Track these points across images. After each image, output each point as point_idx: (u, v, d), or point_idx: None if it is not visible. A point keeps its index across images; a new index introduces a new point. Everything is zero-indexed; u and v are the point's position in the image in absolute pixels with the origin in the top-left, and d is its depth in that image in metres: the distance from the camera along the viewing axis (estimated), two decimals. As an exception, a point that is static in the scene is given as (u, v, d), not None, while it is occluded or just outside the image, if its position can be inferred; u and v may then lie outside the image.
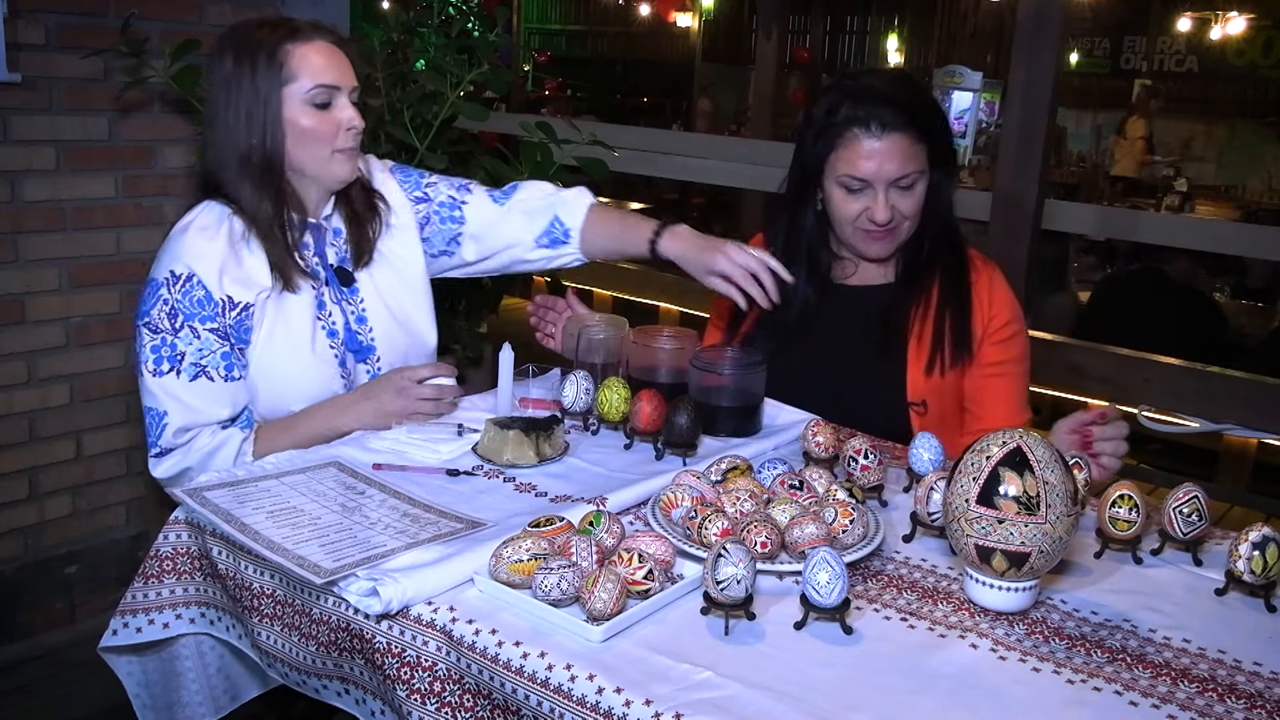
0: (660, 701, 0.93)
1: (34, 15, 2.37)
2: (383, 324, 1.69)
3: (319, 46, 1.55)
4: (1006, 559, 1.06)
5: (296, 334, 1.58)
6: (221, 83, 1.54)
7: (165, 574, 1.34)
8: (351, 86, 1.58)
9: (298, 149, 1.55)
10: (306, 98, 1.53)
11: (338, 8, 2.81)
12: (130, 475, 2.74)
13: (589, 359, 1.69)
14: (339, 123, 1.56)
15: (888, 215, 1.67)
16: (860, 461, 1.38)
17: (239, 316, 1.53)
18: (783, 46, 6.53)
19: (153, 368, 1.50)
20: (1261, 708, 0.96)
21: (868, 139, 1.64)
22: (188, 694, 1.41)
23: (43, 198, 2.47)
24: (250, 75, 1.51)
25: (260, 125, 1.52)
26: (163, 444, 1.51)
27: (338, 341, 1.63)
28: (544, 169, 2.52)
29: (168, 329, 1.49)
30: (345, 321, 1.65)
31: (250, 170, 1.54)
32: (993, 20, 10.72)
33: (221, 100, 1.54)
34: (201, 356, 1.50)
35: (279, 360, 1.56)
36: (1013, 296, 1.78)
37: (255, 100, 1.52)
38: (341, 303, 1.65)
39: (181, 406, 1.50)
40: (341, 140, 1.57)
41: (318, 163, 1.57)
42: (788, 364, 1.71)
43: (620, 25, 14.08)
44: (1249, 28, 9.46)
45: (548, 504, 1.33)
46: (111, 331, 2.63)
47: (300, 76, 1.53)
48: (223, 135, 1.55)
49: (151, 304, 1.51)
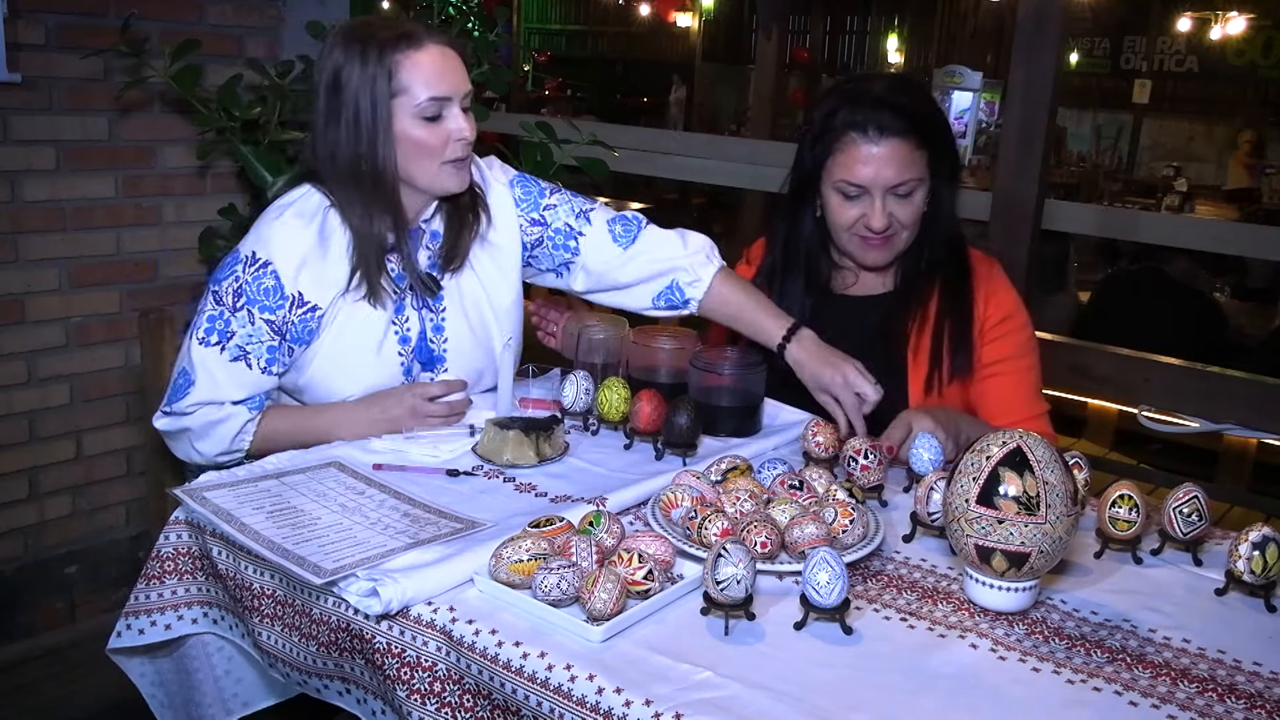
0: (660, 701, 0.93)
1: (34, 15, 2.37)
2: (459, 336, 1.65)
3: (431, 53, 1.49)
4: (1006, 559, 1.06)
5: (366, 338, 1.56)
6: (329, 82, 1.48)
7: (167, 575, 1.34)
8: (463, 93, 1.52)
9: (407, 161, 1.51)
10: (416, 111, 1.48)
11: (338, 8, 2.81)
12: (130, 475, 2.74)
13: (589, 359, 1.69)
14: (449, 134, 1.51)
15: (884, 222, 1.64)
16: (860, 461, 1.38)
17: (304, 316, 1.52)
18: (783, 46, 6.52)
19: (203, 335, 1.50)
20: (1261, 708, 0.96)
21: (865, 144, 1.62)
22: (201, 694, 1.41)
23: (43, 198, 2.47)
24: (358, 89, 1.46)
25: (370, 138, 1.48)
26: (177, 407, 1.51)
27: (408, 349, 1.60)
28: (544, 169, 2.52)
29: (229, 305, 1.49)
30: (421, 329, 1.61)
31: (359, 181, 1.50)
32: (993, 20, 10.72)
33: (329, 102, 1.49)
34: (249, 341, 1.50)
35: (342, 361, 1.55)
36: (1011, 291, 1.74)
37: (364, 109, 1.47)
38: (421, 310, 1.61)
39: (211, 381, 1.50)
40: (451, 151, 1.52)
41: (427, 175, 1.53)
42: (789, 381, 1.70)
43: (620, 25, 14.08)
44: (1249, 28, 9.46)
45: (548, 504, 1.33)
46: (111, 331, 2.63)
47: (411, 88, 1.47)
48: (332, 138, 1.50)
49: (226, 275, 1.51)
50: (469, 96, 1.54)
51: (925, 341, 1.70)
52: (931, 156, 1.66)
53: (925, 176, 1.66)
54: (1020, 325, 1.72)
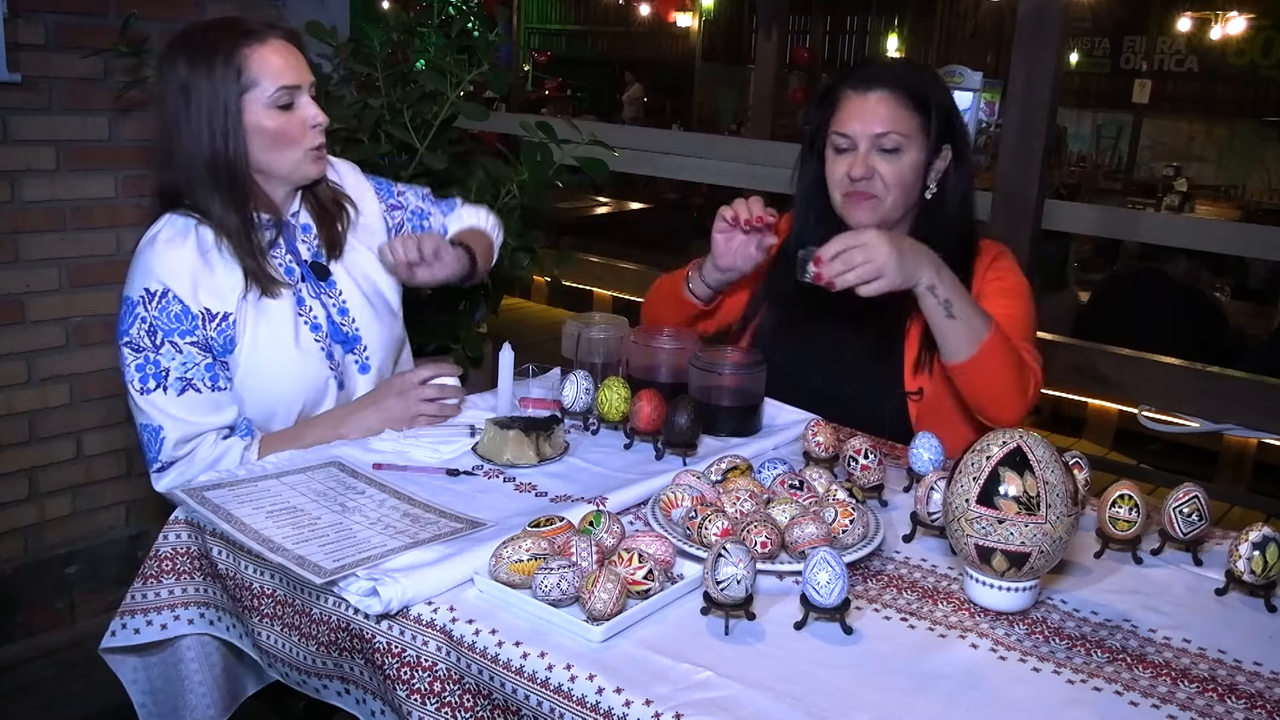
0: (660, 701, 0.93)
1: (34, 15, 2.37)
2: (364, 314, 1.68)
3: (275, 47, 1.52)
4: (1006, 559, 1.06)
5: (280, 334, 1.57)
6: (177, 91, 1.50)
7: (165, 574, 1.34)
8: (310, 82, 1.57)
9: (265, 153, 1.54)
10: (269, 101, 1.51)
11: (338, 8, 2.81)
12: (130, 475, 2.73)
13: (589, 359, 1.69)
14: (304, 121, 1.55)
15: (863, 170, 1.65)
16: (860, 461, 1.38)
17: (220, 327, 1.52)
18: (783, 46, 6.52)
19: (139, 386, 1.48)
20: (1261, 708, 0.96)
21: (856, 97, 1.67)
22: (194, 697, 1.41)
23: (43, 198, 2.47)
24: (208, 82, 1.48)
25: (223, 134, 1.49)
26: (163, 458, 1.50)
27: (322, 335, 1.62)
28: (544, 169, 2.52)
29: (149, 346, 1.48)
30: (327, 314, 1.64)
31: (218, 180, 1.52)
32: (993, 20, 10.73)
33: (179, 109, 1.50)
34: (185, 370, 1.49)
35: (266, 361, 1.55)
36: (1015, 269, 1.74)
37: (216, 108, 1.49)
38: (320, 296, 1.64)
39: (174, 421, 1.49)
40: (311, 139, 1.56)
41: (289, 163, 1.56)
42: (788, 356, 1.70)
43: (620, 25, 14.09)
44: (1249, 28, 9.47)
45: (548, 504, 1.33)
46: (111, 331, 2.61)
47: (261, 81, 1.50)
48: (185, 146, 1.51)
49: (130, 323, 1.50)
50: (314, 86, 1.59)
51: (920, 321, 1.67)
52: (927, 125, 1.66)
53: (916, 139, 1.66)
54: (1017, 293, 1.70)
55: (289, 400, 1.58)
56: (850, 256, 1.48)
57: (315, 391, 1.60)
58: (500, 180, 2.52)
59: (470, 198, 2.47)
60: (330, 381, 1.62)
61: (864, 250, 1.47)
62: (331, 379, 1.62)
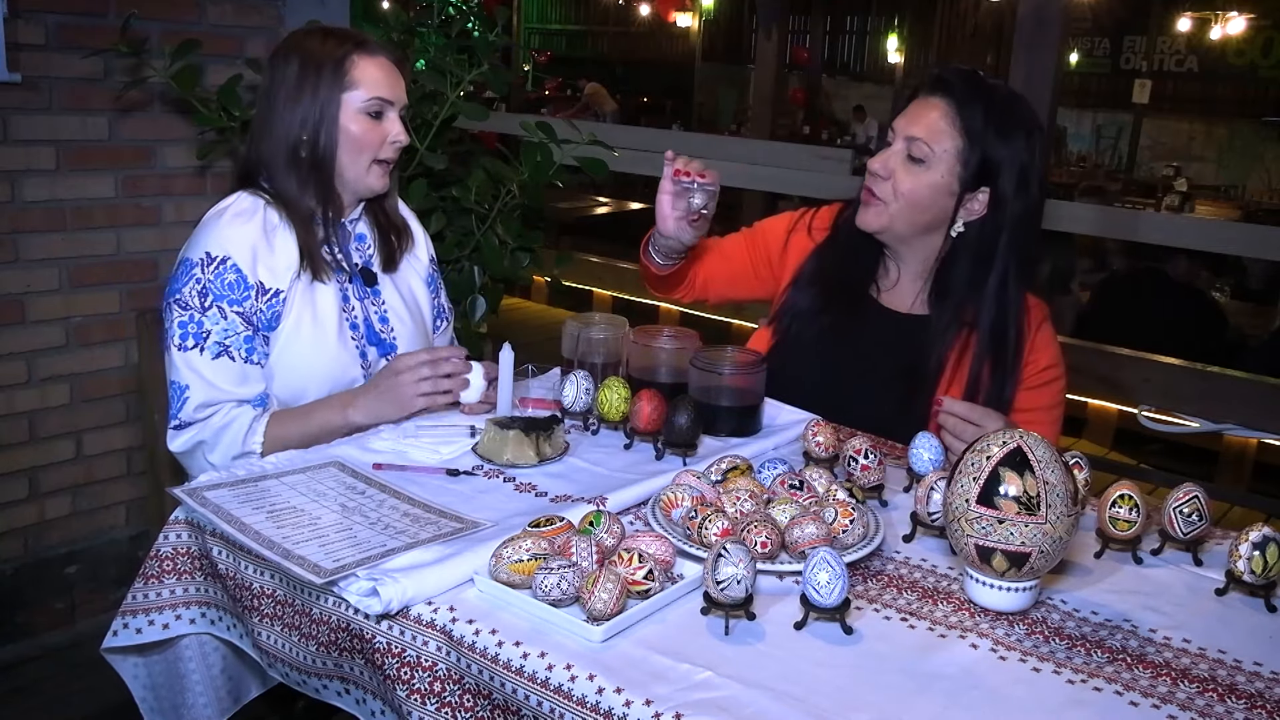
0: (660, 701, 0.93)
1: (34, 15, 2.37)
2: (403, 327, 1.76)
3: (381, 62, 1.64)
4: (1007, 559, 1.06)
5: (324, 322, 1.64)
6: (283, 83, 1.61)
7: (165, 574, 1.34)
8: (404, 104, 1.67)
9: (344, 154, 1.63)
10: (362, 106, 1.62)
11: (338, 8, 2.81)
12: (130, 475, 2.74)
13: (589, 359, 1.69)
14: (385, 134, 1.64)
15: (882, 166, 1.63)
16: (860, 461, 1.38)
17: (270, 302, 1.59)
18: (783, 46, 6.53)
19: (179, 343, 1.55)
20: (1261, 708, 0.96)
21: (921, 94, 1.64)
22: (193, 696, 1.42)
23: (43, 198, 2.47)
24: (315, 80, 1.60)
25: (315, 125, 1.60)
26: (183, 417, 1.56)
27: (360, 335, 1.69)
28: (544, 169, 2.52)
29: (197, 307, 1.55)
30: (366, 318, 1.71)
31: (298, 165, 1.62)
32: (993, 20, 10.73)
33: (281, 99, 1.61)
34: (225, 336, 1.56)
35: (305, 346, 1.62)
36: (1055, 340, 1.72)
37: (314, 103, 1.60)
38: (364, 300, 1.72)
39: (203, 382, 1.55)
40: (384, 151, 1.65)
41: (357, 169, 1.65)
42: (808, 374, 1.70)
43: (620, 25, 14.10)
44: (1249, 28, 9.47)
45: (548, 504, 1.33)
46: (111, 331, 2.63)
47: (360, 86, 1.61)
48: (277, 129, 1.61)
49: (184, 282, 1.57)
50: (406, 110, 1.69)
51: (962, 374, 1.65)
52: (966, 155, 1.59)
53: (945, 161, 1.59)
54: (1056, 378, 1.71)
55: (317, 384, 1.63)
56: (963, 430, 1.47)
57: (343, 383, 1.65)
58: (500, 180, 2.52)
59: (470, 198, 2.48)
60: (359, 379, 1.66)
61: (977, 431, 1.44)
62: (361, 377, 1.67)
